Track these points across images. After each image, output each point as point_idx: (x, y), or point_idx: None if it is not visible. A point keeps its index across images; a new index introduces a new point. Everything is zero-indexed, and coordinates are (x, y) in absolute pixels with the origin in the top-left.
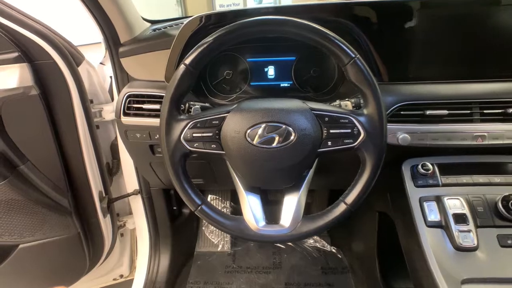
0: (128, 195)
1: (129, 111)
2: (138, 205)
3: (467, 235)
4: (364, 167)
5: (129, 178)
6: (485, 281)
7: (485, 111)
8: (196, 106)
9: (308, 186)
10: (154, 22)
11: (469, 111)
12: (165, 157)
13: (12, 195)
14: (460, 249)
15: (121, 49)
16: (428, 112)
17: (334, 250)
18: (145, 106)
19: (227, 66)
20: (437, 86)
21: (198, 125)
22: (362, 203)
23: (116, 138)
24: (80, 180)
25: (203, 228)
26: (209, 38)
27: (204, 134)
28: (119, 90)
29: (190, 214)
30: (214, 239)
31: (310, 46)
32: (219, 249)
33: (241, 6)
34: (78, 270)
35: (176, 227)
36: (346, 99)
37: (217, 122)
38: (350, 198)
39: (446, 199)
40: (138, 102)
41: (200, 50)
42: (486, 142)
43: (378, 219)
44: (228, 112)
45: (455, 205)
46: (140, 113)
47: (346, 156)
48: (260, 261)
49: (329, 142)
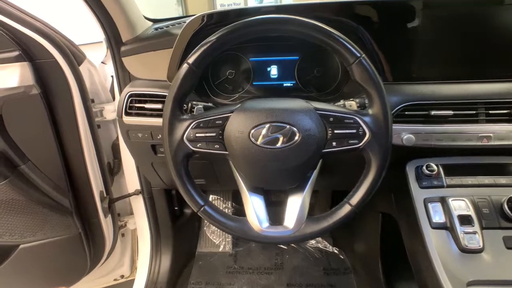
0: (129, 195)
1: (131, 111)
2: (139, 205)
3: (473, 237)
4: (369, 168)
5: (130, 178)
6: (491, 283)
7: (490, 112)
8: (199, 106)
9: (312, 187)
10: (156, 21)
11: (474, 112)
12: (167, 157)
13: (12, 195)
14: (465, 251)
15: (123, 48)
16: (433, 112)
17: (336, 251)
18: (147, 106)
19: (230, 65)
20: (442, 86)
21: (201, 125)
22: (366, 204)
23: (117, 137)
24: (81, 180)
25: (205, 228)
26: (212, 37)
27: (207, 134)
28: (121, 90)
29: (191, 214)
30: (216, 240)
31: (313, 46)
32: (221, 249)
33: (242, 6)
34: (79, 270)
35: (177, 227)
36: (351, 99)
37: (220, 122)
38: (355, 199)
39: (451, 200)
40: (140, 102)
41: (203, 49)
42: (491, 143)
43: (381, 220)
44: (231, 112)
45: (460, 206)
46: (142, 112)
47: (349, 156)
48: (262, 261)
49: (333, 143)
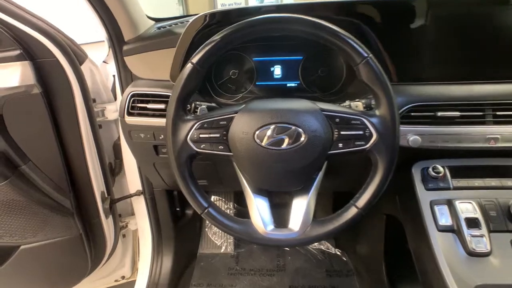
0: (130, 196)
1: (133, 111)
2: (140, 206)
3: (480, 240)
4: (376, 170)
5: (131, 179)
6: (499, 287)
7: (498, 113)
8: (202, 106)
9: (317, 188)
10: (158, 20)
11: (481, 113)
12: (170, 158)
13: (13, 196)
14: (472, 254)
15: (125, 47)
16: (439, 113)
17: (338, 253)
18: (149, 106)
19: (233, 65)
20: (448, 87)
21: (205, 125)
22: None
23: (118, 138)
24: (82, 180)
25: (206, 229)
26: (216, 37)
27: (211, 135)
28: (123, 89)
29: (193, 215)
30: (217, 241)
31: (317, 45)
32: (222, 250)
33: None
34: (80, 272)
35: (179, 228)
36: (357, 100)
37: (224, 122)
38: (362, 201)
39: (458, 203)
40: (142, 102)
41: (207, 49)
42: (498, 145)
43: (386, 222)
44: (236, 112)
45: (467, 209)
46: (144, 112)
47: (354, 157)
48: (264, 263)
49: (340, 144)
